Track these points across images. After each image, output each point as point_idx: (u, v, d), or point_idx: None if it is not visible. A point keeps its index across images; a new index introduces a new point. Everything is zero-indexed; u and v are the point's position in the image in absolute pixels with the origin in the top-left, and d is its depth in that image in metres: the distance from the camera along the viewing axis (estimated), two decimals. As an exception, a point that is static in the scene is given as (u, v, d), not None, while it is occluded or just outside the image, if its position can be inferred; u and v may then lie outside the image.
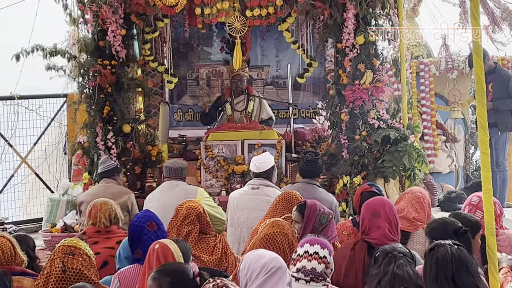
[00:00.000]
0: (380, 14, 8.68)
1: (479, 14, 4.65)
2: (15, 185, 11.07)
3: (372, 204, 5.42)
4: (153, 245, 4.59)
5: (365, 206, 5.43)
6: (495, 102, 9.99)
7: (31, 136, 11.10)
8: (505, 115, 10.12)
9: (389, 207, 5.33)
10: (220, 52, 10.98)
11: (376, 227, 5.23)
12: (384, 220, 5.22)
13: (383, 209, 5.29)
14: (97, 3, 8.44)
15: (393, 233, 5.20)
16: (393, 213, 5.30)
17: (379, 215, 5.26)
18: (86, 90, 8.88)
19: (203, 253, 5.97)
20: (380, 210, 5.29)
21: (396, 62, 9.02)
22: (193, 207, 6.06)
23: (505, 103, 10.04)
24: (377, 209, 5.31)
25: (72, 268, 4.56)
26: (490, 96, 10.06)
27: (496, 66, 10.31)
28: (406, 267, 4.34)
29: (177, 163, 7.63)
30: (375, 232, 5.21)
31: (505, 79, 10.18)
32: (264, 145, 9.20)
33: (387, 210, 5.29)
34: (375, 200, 5.53)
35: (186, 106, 11.09)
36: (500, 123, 9.99)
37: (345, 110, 8.61)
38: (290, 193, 6.26)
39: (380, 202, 5.44)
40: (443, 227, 5.09)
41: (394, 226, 5.25)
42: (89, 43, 8.77)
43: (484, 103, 4.61)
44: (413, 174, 8.45)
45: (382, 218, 5.24)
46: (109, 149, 8.73)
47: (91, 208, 6.29)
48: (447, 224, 5.09)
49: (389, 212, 5.27)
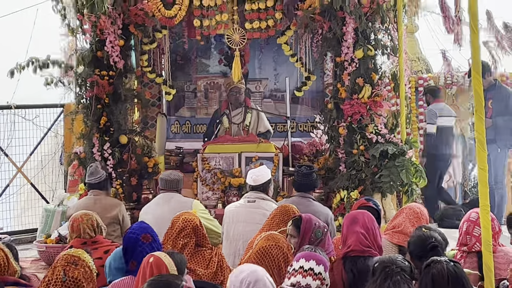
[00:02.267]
0: (379, 28, 8.69)
1: (478, 30, 4.65)
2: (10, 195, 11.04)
3: (353, 213, 5.58)
4: (147, 258, 4.57)
5: (346, 216, 5.58)
6: (494, 119, 9.99)
7: (27, 146, 11.09)
8: (504, 132, 10.10)
9: (368, 217, 5.41)
10: (218, 65, 10.99)
11: (352, 232, 5.32)
12: (360, 227, 5.30)
13: (361, 217, 5.40)
14: (95, 13, 8.45)
15: (370, 241, 5.25)
16: (372, 223, 5.38)
17: (357, 222, 5.35)
18: (83, 101, 8.89)
19: (199, 266, 5.94)
20: (358, 217, 5.41)
21: (395, 76, 9.02)
22: (189, 220, 6.04)
23: (505, 120, 10.03)
24: (356, 216, 5.44)
25: (73, 277, 4.54)
26: (490, 113, 10.04)
27: (496, 83, 10.30)
28: (403, 285, 4.26)
29: (172, 175, 7.61)
30: (350, 238, 5.30)
31: (506, 96, 10.17)
32: (261, 158, 9.18)
33: (366, 218, 5.38)
34: (356, 211, 5.66)
35: (184, 118, 11.08)
36: (499, 140, 9.98)
37: (343, 124, 8.60)
38: (286, 206, 6.25)
39: (360, 212, 5.57)
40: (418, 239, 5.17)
41: (372, 235, 5.30)
42: (86, 53, 8.78)
43: (483, 119, 4.59)
44: (411, 189, 8.44)
45: (359, 224, 5.33)
46: (105, 160, 8.72)
47: (72, 222, 6.24)
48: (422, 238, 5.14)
49: (367, 221, 5.36)
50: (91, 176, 7.99)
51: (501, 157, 10.10)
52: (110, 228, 7.24)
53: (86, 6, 8.46)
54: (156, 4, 8.94)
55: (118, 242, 7.18)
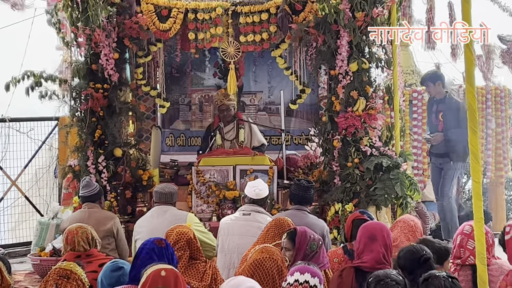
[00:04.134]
0: (373, 41, 8.71)
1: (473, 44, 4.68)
2: (4, 208, 11.03)
3: (371, 227, 5.45)
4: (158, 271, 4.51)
5: (363, 229, 5.47)
6: (446, 133, 9.92)
7: (21, 159, 11.08)
8: (457, 145, 10.02)
9: (386, 233, 5.38)
10: (213, 77, 10.99)
11: (369, 250, 5.26)
12: (379, 245, 5.25)
13: (380, 234, 5.33)
14: (90, 26, 8.46)
15: (386, 259, 5.22)
16: (390, 239, 5.35)
17: (376, 239, 5.29)
18: (77, 114, 8.88)
19: (193, 279, 5.94)
20: (377, 234, 5.33)
21: (389, 89, 9.04)
22: (183, 233, 6.04)
23: (456, 133, 9.94)
24: (375, 232, 5.35)
25: (65, 292, 4.54)
26: (441, 126, 9.99)
27: (446, 95, 10.24)
28: None
29: (167, 188, 7.60)
30: (368, 255, 5.25)
31: (456, 109, 10.07)
32: (256, 171, 9.19)
33: (385, 235, 5.33)
34: (373, 224, 5.60)
35: (178, 131, 11.08)
36: (452, 154, 9.88)
37: (337, 137, 8.62)
38: (281, 219, 6.24)
39: (378, 226, 5.48)
40: (407, 253, 5.15)
41: (390, 252, 5.29)
42: (81, 66, 8.78)
43: (477, 132, 4.61)
44: (405, 202, 8.45)
45: (378, 242, 5.27)
46: (100, 173, 8.71)
47: (67, 234, 6.21)
48: (412, 251, 5.13)
49: (386, 237, 5.32)
50: (84, 189, 7.97)
51: (451, 171, 9.98)
52: (104, 241, 7.22)
53: (80, 19, 8.46)
54: (150, 18, 8.97)
55: (112, 255, 7.18)
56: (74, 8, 8.42)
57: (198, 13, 8.98)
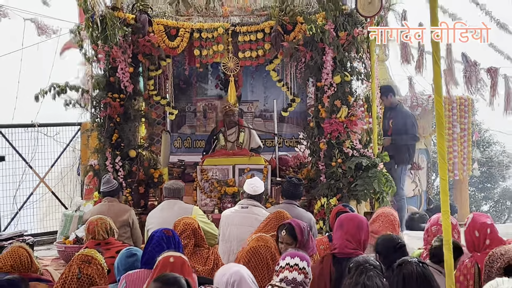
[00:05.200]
0: (354, 57, 8.72)
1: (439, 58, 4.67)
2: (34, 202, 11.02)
3: (342, 218, 5.48)
4: (167, 258, 4.50)
5: (337, 220, 5.51)
6: (393, 138, 9.95)
7: (48, 159, 11.08)
8: (402, 149, 10.03)
9: (356, 222, 5.35)
10: (215, 88, 10.97)
11: (337, 238, 5.31)
12: (344, 233, 5.26)
13: (347, 223, 5.33)
14: (108, 44, 8.45)
15: (353, 244, 5.21)
16: (360, 228, 5.31)
17: (343, 228, 5.31)
18: (97, 120, 8.86)
19: (197, 264, 5.95)
20: (344, 223, 5.35)
21: (368, 99, 9.06)
22: (189, 223, 6.05)
23: (402, 138, 9.98)
24: (343, 222, 5.37)
25: (87, 274, 4.54)
26: (390, 131, 10.02)
27: (398, 105, 10.29)
28: (376, 279, 4.27)
29: (175, 184, 7.60)
30: (337, 242, 5.30)
31: (404, 117, 10.13)
32: (252, 169, 9.17)
33: (353, 224, 5.31)
34: (346, 215, 5.61)
35: (185, 135, 11.07)
36: (397, 157, 9.88)
37: (323, 140, 8.61)
38: (281, 212, 6.30)
39: (348, 217, 5.49)
40: (384, 242, 5.15)
41: (356, 240, 5.25)
42: (101, 79, 8.78)
43: (444, 136, 4.61)
44: (382, 197, 8.45)
45: (343, 230, 5.28)
46: (117, 171, 8.70)
47: (88, 225, 6.22)
48: (388, 240, 5.14)
49: (354, 227, 5.29)
50: (105, 185, 7.98)
51: (398, 173, 9.98)
52: (121, 230, 7.22)
53: (100, 38, 8.45)
54: (161, 36, 8.96)
55: (128, 242, 7.19)
56: (94, 28, 8.41)
57: (202, 33, 8.97)
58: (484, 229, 5.11)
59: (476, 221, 5.19)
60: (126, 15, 8.74)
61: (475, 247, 5.13)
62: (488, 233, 5.09)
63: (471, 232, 5.16)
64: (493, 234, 5.09)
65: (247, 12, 9.34)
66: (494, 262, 4.10)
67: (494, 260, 4.11)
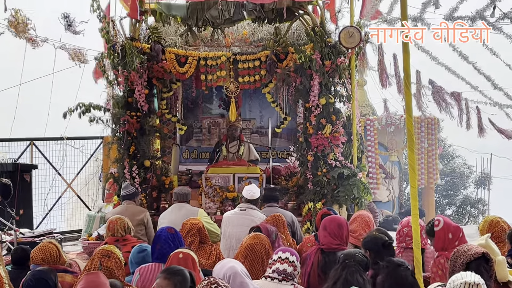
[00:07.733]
0: (338, 82, 8.74)
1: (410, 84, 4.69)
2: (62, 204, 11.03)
3: (325, 220, 5.63)
4: (177, 254, 4.51)
5: (322, 221, 5.66)
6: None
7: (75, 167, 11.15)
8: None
9: (337, 224, 5.52)
10: (219, 108, 10.98)
11: (323, 236, 5.51)
12: (328, 233, 5.47)
13: (329, 225, 5.51)
14: (127, 69, 8.46)
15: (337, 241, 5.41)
16: (337, 228, 5.47)
17: (325, 228, 5.50)
18: (117, 134, 8.86)
19: (202, 258, 5.93)
20: (327, 225, 5.52)
21: (349, 118, 9.07)
22: (195, 223, 6.05)
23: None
24: (326, 224, 5.55)
25: (107, 267, 4.52)
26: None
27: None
28: (356, 274, 4.23)
29: (183, 190, 7.59)
30: (323, 240, 5.50)
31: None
32: (249, 177, 9.16)
33: (334, 225, 5.49)
34: (329, 218, 5.72)
35: (192, 147, 11.06)
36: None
37: (310, 153, 8.62)
38: (277, 215, 6.40)
39: (330, 219, 5.63)
40: (373, 240, 5.11)
41: (339, 237, 5.44)
42: (120, 99, 8.80)
43: (414, 150, 4.63)
44: (360, 201, 8.45)
45: (327, 231, 5.47)
46: (133, 178, 8.69)
47: (109, 223, 6.20)
48: (377, 238, 5.11)
49: (335, 227, 5.48)
50: (124, 190, 7.98)
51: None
52: (137, 228, 7.19)
53: (120, 64, 8.47)
54: (172, 63, 8.98)
55: (143, 239, 7.16)
56: (115, 56, 8.43)
57: (208, 60, 8.99)
58: (458, 232, 5.07)
59: (450, 224, 5.14)
60: (143, 45, 8.75)
61: (444, 246, 5.07)
62: (460, 236, 5.05)
63: (445, 234, 5.08)
64: (463, 237, 5.07)
65: (246, 43, 9.37)
66: (458, 258, 4.06)
67: (458, 256, 4.08)
